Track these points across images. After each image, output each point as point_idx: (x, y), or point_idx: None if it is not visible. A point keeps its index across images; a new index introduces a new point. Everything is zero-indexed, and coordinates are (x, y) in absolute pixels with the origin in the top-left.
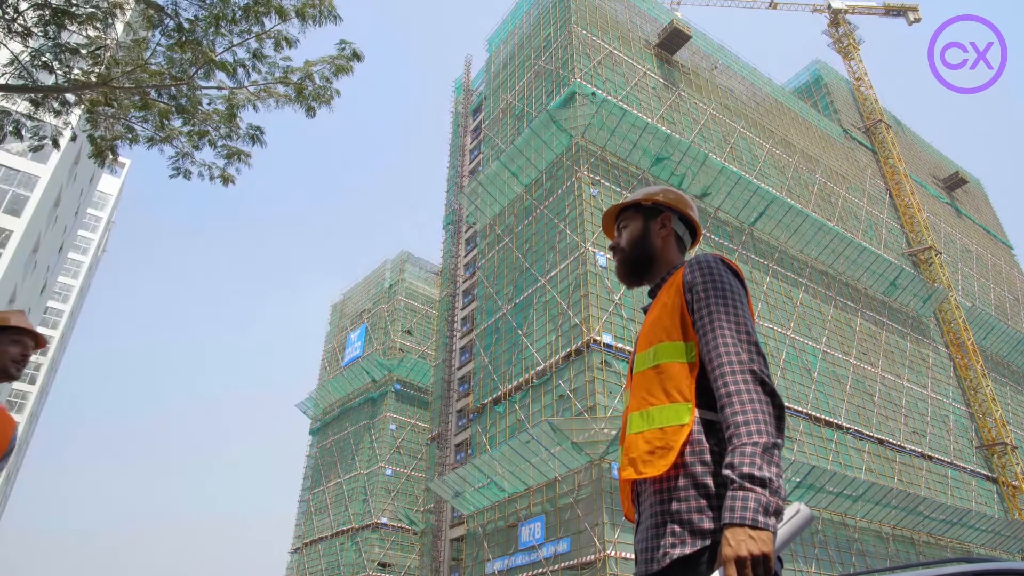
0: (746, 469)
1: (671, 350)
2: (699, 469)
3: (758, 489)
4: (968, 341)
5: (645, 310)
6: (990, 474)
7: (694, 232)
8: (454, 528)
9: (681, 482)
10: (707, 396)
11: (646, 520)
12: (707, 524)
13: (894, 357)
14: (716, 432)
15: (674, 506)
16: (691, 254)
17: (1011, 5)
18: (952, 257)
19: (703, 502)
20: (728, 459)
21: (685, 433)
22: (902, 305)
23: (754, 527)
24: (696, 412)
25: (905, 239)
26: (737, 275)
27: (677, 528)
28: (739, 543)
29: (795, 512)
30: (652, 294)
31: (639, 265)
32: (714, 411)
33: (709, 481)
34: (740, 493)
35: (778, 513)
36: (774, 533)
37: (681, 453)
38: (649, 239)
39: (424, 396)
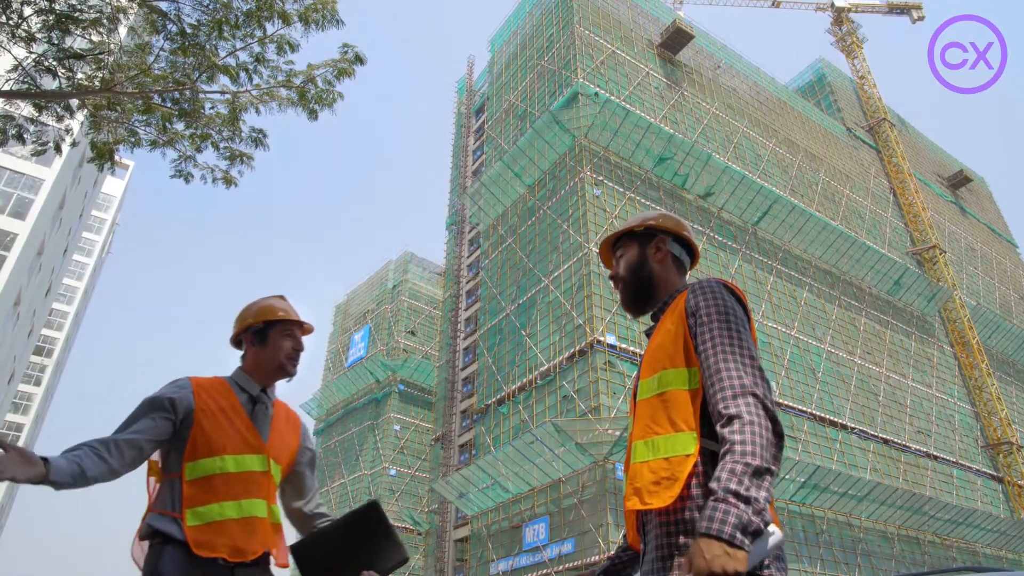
0: (732, 485)
1: (675, 377)
2: (703, 502)
3: (741, 506)
4: (973, 340)
5: (648, 333)
6: (996, 473)
7: (692, 254)
8: (458, 529)
9: (686, 514)
10: (710, 425)
11: (651, 551)
12: None
13: (899, 356)
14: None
15: (681, 539)
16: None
17: (1011, 5)
18: (957, 256)
19: None
20: (717, 473)
21: (691, 464)
22: (906, 304)
23: (731, 543)
24: (701, 442)
25: (909, 238)
26: (739, 299)
27: (683, 560)
28: (714, 558)
29: (770, 532)
30: (655, 318)
31: (640, 291)
32: (716, 440)
33: None
34: (722, 506)
35: (757, 534)
36: (749, 553)
37: (686, 485)
38: (646, 263)
39: (428, 397)
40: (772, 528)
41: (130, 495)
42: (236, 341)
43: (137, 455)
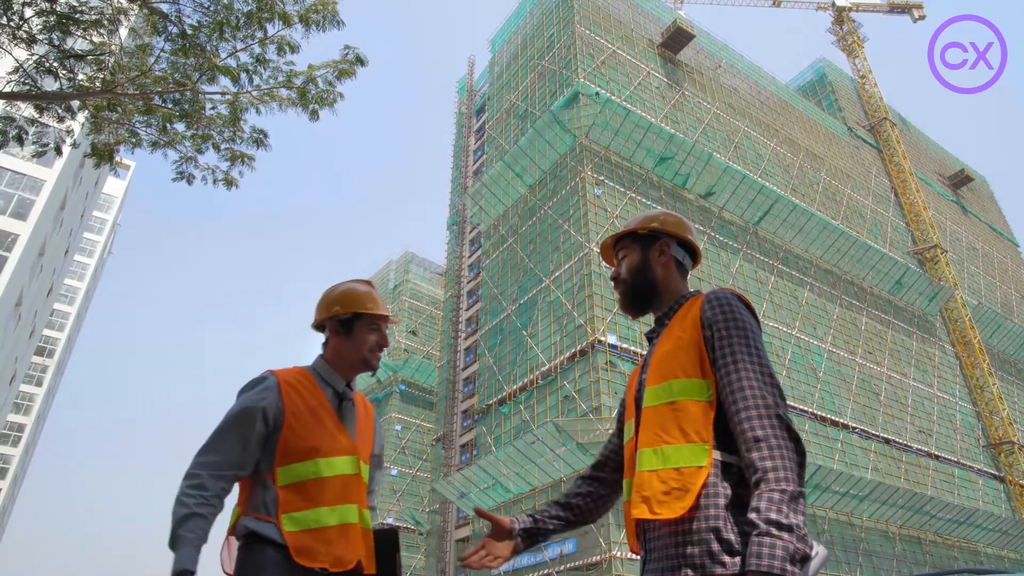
0: (773, 516)
1: (688, 387)
2: (713, 512)
3: (785, 536)
4: (974, 339)
5: (650, 337)
6: (997, 473)
7: (694, 256)
8: (460, 529)
9: (695, 525)
10: (722, 437)
11: (657, 561)
12: (719, 569)
13: (900, 356)
14: (731, 475)
15: (688, 549)
16: (701, 285)
17: (1011, 5)
18: (958, 255)
19: (716, 546)
20: (754, 503)
21: (704, 476)
22: (908, 304)
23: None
24: (713, 454)
25: (911, 237)
26: (752, 312)
27: (690, 572)
28: None
29: (813, 554)
30: (660, 322)
31: (642, 295)
32: (728, 452)
33: (722, 525)
34: (767, 539)
35: (804, 560)
36: None
37: (697, 495)
38: (649, 267)
39: (429, 397)
40: (816, 548)
41: (129, 495)
42: (319, 326)
43: (234, 479)
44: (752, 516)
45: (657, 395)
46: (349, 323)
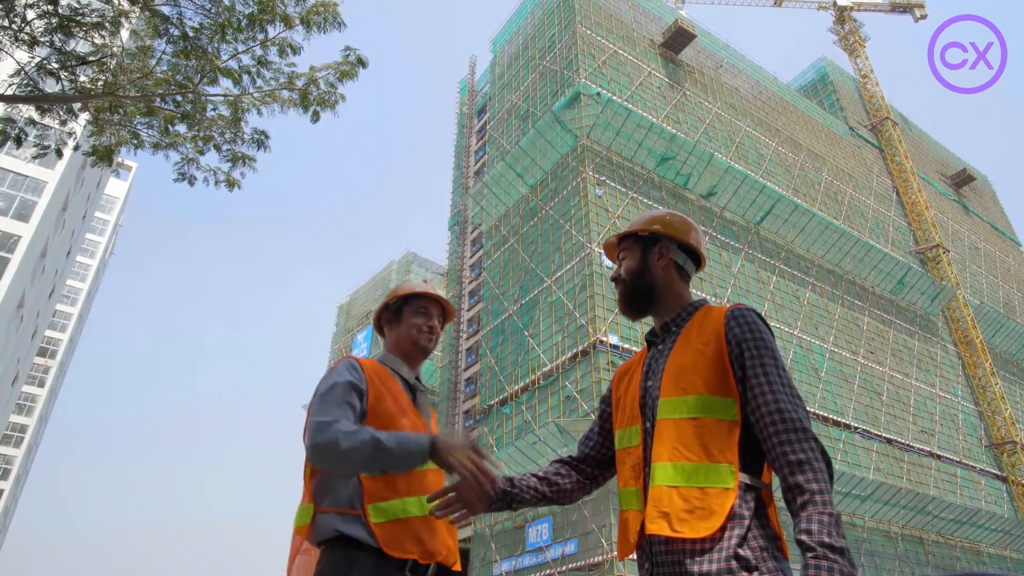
0: (826, 539)
1: (712, 405)
2: (738, 532)
3: (840, 559)
4: (976, 339)
5: (651, 341)
6: (1000, 473)
7: (697, 259)
8: (461, 529)
9: (716, 545)
10: (747, 458)
11: None
12: None
13: (902, 356)
14: (752, 496)
15: (705, 567)
16: (703, 285)
17: (1011, 5)
18: (960, 255)
19: (734, 563)
20: (804, 525)
21: (732, 499)
22: (910, 303)
23: None
24: (739, 477)
25: (912, 237)
26: (770, 329)
27: None
28: None
29: None
30: (666, 328)
31: (639, 298)
32: (750, 474)
33: (743, 545)
34: (825, 563)
35: None
36: None
37: (724, 518)
38: (647, 270)
39: (431, 397)
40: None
41: (131, 496)
42: (379, 326)
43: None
44: (804, 538)
45: (676, 408)
46: (398, 310)
